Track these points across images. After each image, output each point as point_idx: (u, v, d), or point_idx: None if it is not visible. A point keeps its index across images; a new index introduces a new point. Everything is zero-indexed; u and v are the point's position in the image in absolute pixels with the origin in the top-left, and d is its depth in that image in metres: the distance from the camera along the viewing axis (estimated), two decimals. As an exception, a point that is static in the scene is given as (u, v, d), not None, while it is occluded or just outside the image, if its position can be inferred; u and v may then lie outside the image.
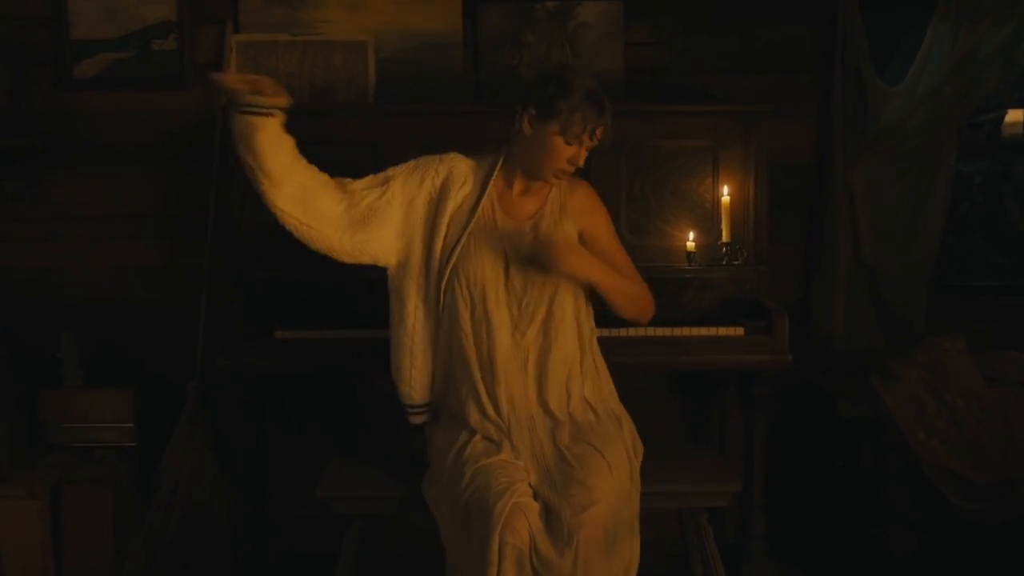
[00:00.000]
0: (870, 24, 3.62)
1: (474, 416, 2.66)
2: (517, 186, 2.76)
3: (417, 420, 2.78)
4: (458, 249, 2.66)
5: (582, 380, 2.71)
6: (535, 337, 2.66)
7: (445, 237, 2.66)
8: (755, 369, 3.18)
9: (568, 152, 2.59)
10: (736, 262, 3.33)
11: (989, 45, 3.56)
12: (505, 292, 2.64)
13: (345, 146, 3.21)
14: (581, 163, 2.63)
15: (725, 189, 3.31)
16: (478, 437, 2.65)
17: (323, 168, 2.73)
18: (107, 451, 3.53)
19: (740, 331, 3.15)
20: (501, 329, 2.64)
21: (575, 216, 2.75)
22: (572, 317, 2.69)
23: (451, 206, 2.68)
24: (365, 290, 3.03)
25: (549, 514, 2.47)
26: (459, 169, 2.72)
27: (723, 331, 3.14)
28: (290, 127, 2.66)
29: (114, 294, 3.67)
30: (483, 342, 2.66)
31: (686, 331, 3.12)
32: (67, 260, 3.68)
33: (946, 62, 3.59)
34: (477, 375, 2.66)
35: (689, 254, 3.32)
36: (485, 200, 2.69)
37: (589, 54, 3.59)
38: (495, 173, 2.71)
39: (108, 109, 3.61)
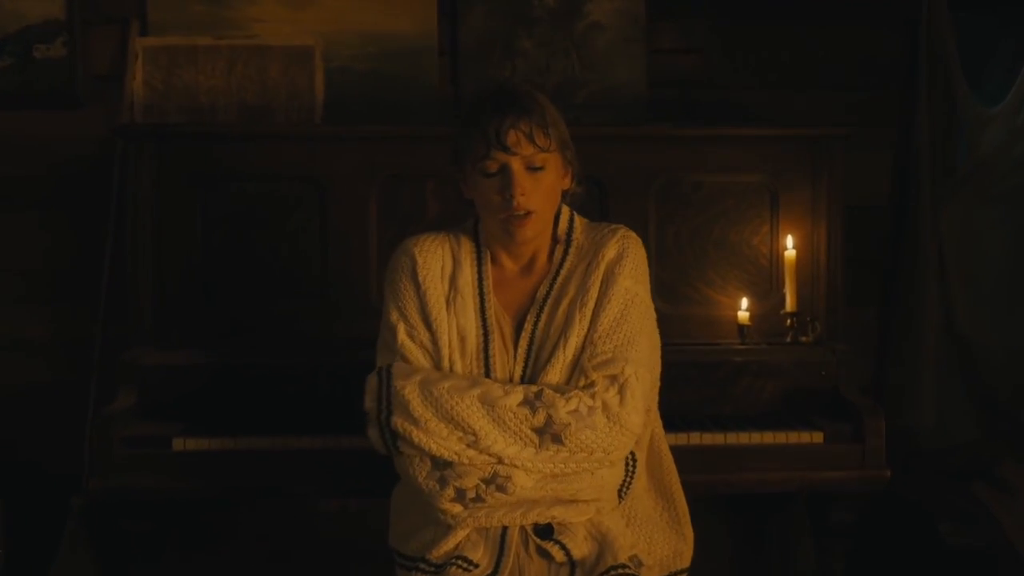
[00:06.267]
0: (959, 28, 3.25)
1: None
2: (509, 265, 2.17)
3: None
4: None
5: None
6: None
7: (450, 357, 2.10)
8: (838, 490, 2.63)
9: (491, 185, 2.03)
10: (804, 338, 2.83)
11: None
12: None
13: (283, 181, 2.87)
14: (517, 191, 1.99)
15: (789, 240, 2.88)
16: None
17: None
18: (-37, 585, 3.05)
19: (818, 437, 2.60)
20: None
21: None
22: None
23: (438, 304, 2.10)
24: (302, 380, 2.66)
25: None
26: (424, 248, 2.14)
27: (795, 437, 2.59)
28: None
29: (-20, 374, 3.31)
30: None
31: (743, 437, 2.57)
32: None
33: (1058, 76, 3.22)
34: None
35: (742, 328, 2.86)
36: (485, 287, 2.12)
37: (602, 64, 3.27)
38: (480, 236, 2.15)
39: (-24, 133, 3.29)
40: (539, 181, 2.00)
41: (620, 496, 2.03)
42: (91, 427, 2.89)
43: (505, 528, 1.97)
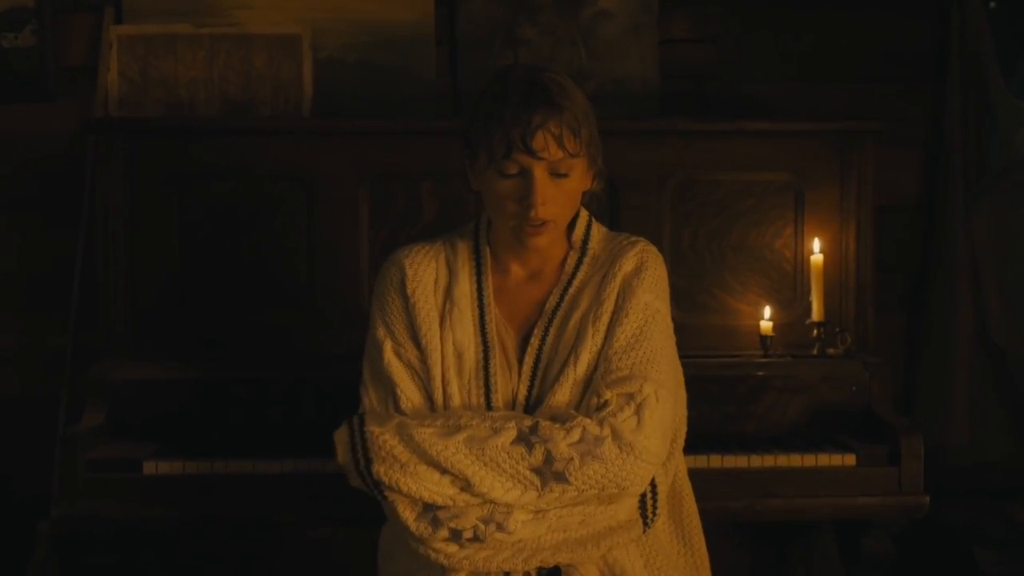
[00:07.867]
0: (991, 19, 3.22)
1: None
2: (516, 270, 2.03)
3: None
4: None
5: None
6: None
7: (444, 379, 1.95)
8: (872, 517, 2.51)
9: (506, 188, 1.88)
10: (833, 350, 2.74)
11: None
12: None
13: (267, 180, 2.81)
14: (538, 201, 1.83)
15: (816, 244, 2.80)
16: None
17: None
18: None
19: (850, 459, 2.50)
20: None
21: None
22: None
23: (429, 319, 1.97)
24: (287, 397, 2.60)
25: None
26: (415, 259, 2.01)
27: (824, 459, 2.49)
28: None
29: (-56, 386, 3.25)
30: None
31: (768, 460, 2.47)
32: None
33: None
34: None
35: (764, 339, 2.78)
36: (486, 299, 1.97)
37: (611, 54, 3.21)
38: (482, 238, 2.03)
39: (-61, 129, 3.24)
40: (562, 188, 1.85)
41: (647, 523, 1.85)
42: (56, 448, 2.79)
43: (507, 574, 1.80)
